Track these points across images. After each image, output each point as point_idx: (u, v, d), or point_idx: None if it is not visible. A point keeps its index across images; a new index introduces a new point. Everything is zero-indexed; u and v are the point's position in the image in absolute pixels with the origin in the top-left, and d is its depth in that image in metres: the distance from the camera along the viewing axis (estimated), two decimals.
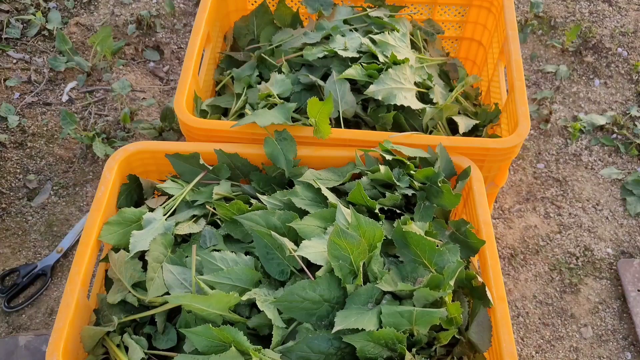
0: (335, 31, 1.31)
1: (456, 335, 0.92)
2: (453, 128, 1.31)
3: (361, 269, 0.90)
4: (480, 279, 0.97)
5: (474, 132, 1.33)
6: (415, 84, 1.24)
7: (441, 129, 1.28)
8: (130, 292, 0.97)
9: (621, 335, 1.52)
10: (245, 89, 1.34)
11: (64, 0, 2.19)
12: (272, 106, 1.22)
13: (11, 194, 1.74)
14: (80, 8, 2.19)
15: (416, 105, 1.20)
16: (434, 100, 1.26)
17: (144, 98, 1.95)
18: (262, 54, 1.39)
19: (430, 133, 1.26)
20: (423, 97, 1.27)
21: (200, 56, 1.31)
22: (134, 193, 1.15)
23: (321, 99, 1.11)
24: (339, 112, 1.21)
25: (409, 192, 1.06)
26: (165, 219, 1.04)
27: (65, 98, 1.95)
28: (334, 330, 0.84)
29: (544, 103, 1.96)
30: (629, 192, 1.76)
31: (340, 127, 1.20)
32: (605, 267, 1.63)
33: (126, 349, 0.94)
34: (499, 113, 1.33)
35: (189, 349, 0.89)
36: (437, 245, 0.95)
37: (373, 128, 1.25)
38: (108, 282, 1.04)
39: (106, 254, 1.06)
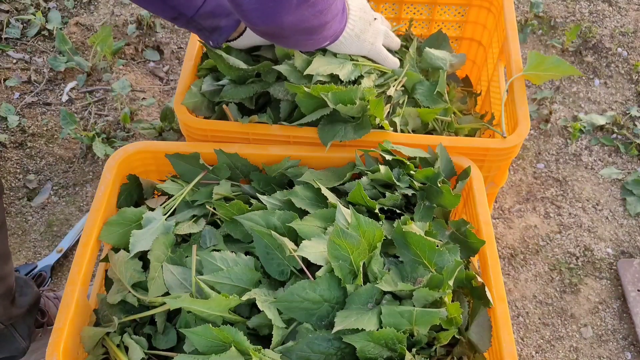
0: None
1: (456, 335, 0.92)
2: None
3: (361, 269, 0.90)
4: (480, 279, 0.97)
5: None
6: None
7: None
8: (130, 292, 0.97)
9: (621, 335, 1.52)
10: None
11: (64, 0, 2.19)
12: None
13: (11, 194, 1.74)
14: (80, 8, 2.19)
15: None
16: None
17: (144, 98, 1.95)
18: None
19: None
20: None
21: (200, 56, 1.31)
22: (134, 193, 1.15)
23: None
24: None
25: (409, 192, 1.06)
26: (165, 219, 1.04)
27: (65, 98, 1.95)
28: (334, 331, 0.84)
29: (544, 103, 1.96)
30: (629, 192, 1.76)
31: None
32: (605, 267, 1.63)
33: (126, 349, 0.94)
34: (492, 119, 1.34)
35: (189, 349, 0.89)
36: (437, 245, 0.95)
37: None
38: (108, 282, 1.04)
39: (106, 254, 1.06)
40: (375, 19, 1.16)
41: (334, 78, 1.15)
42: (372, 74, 1.19)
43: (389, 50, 1.25)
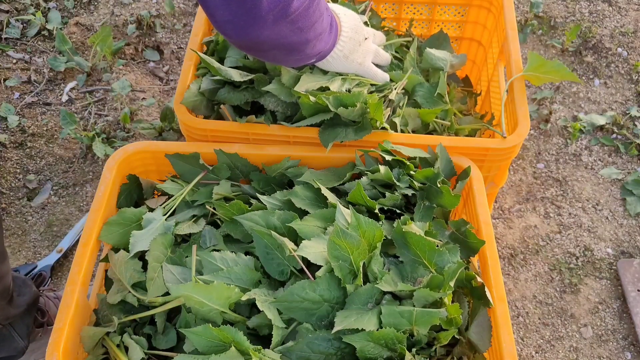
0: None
1: (456, 336, 0.92)
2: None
3: (361, 269, 0.90)
4: (480, 279, 0.97)
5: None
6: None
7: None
8: (130, 292, 0.97)
9: (621, 335, 1.52)
10: None
11: (64, 0, 2.19)
12: None
13: (11, 194, 1.74)
14: (80, 8, 2.19)
15: None
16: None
17: (144, 98, 1.95)
18: None
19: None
20: None
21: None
22: (134, 193, 1.15)
23: None
24: None
25: (409, 192, 1.06)
26: (165, 219, 1.04)
27: (65, 98, 1.95)
28: (334, 331, 0.84)
29: (544, 103, 1.96)
30: (629, 192, 1.76)
31: None
32: (605, 267, 1.63)
33: (126, 349, 0.94)
34: (492, 120, 1.34)
35: (189, 349, 0.89)
36: (437, 246, 0.95)
37: None
38: (108, 282, 1.04)
39: (106, 254, 1.06)
40: (366, 38, 1.14)
41: (326, 89, 1.15)
42: (365, 85, 1.19)
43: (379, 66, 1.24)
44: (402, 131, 1.20)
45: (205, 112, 1.23)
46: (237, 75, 1.18)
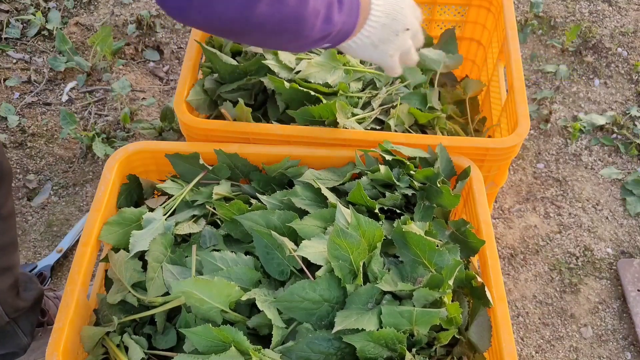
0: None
1: (456, 335, 0.92)
2: None
3: (361, 269, 0.90)
4: (480, 279, 0.97)
5: None
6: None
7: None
8: (130, 292, 0.97)
9: (621, 335, 1.52)
10: None
11: (64, 0, 2.19)
12: None
13: None
14: (80, 8, 2.19)
15: None
16: None
17: (144, 98, 1.95)
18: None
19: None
20: None
21: (200, 56, 1.31)
22: (134, 193, 1.15)
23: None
24: None
25: (409, 192, 1.06)
26: (165, 219, 1.04)
27: (65, 98, 1.95)
28: (334, 331, 0.84)
29: (544, 103, 1.96)
30: (629, 192, 1.76)
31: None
32: (605, 267, 1.63)
33: (126, 349, 0.94)
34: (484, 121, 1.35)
35: (188, 349, 0.89)
36: (437, 245, 0.95)
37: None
38: (108, 282, 1.04)
39: (106, 254, 1.06)
40: (407, 29, 0.95)
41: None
42: (360, 80, 1.22)
43: None
44: (399, 130, 1.20)
45: (207, 110, 1.25)
46: (234, 61, 1.21)
